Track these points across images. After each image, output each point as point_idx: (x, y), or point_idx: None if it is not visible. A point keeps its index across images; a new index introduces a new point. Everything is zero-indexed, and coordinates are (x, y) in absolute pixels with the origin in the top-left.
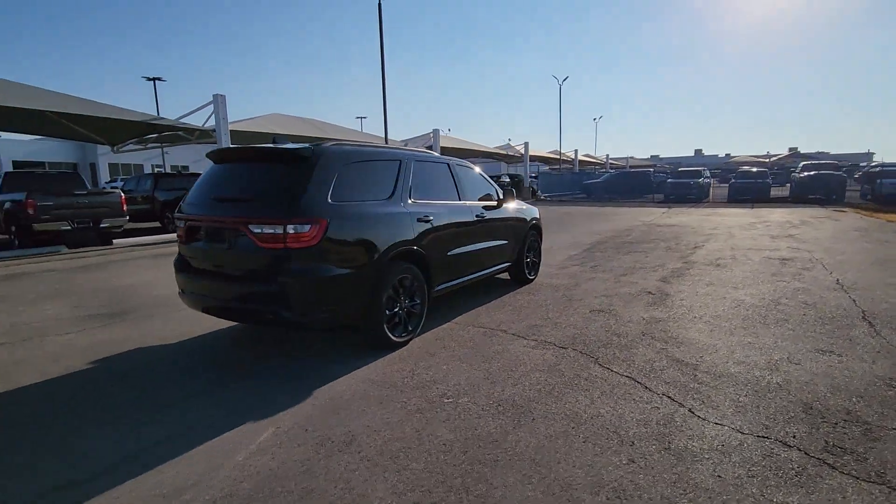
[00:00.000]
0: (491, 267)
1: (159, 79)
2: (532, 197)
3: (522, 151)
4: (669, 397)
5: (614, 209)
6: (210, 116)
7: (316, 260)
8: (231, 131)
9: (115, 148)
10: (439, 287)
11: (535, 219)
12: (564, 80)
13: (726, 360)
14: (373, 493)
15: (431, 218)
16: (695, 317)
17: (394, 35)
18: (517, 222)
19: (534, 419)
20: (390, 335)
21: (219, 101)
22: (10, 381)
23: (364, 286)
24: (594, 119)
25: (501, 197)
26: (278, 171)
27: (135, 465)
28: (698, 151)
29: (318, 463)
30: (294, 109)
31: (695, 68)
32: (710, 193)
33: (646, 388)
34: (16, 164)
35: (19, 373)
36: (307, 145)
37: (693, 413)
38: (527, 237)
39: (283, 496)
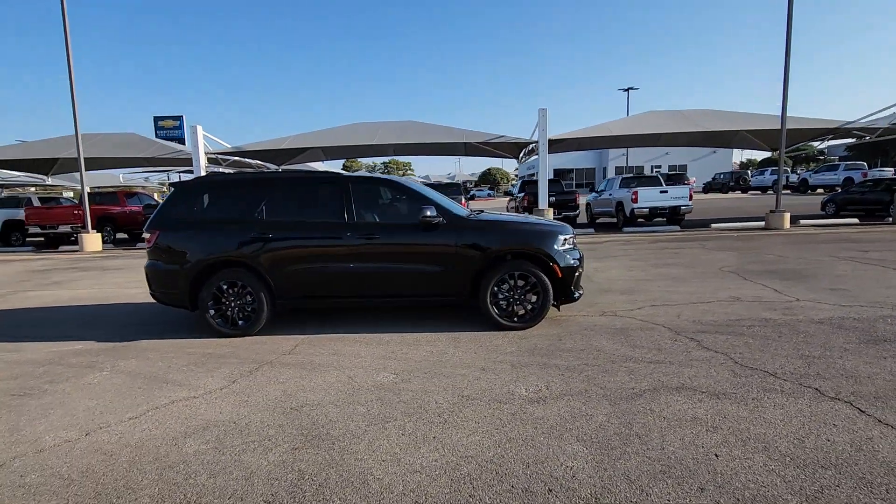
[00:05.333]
0: (405, 294)
1: (633, 88)
2: None
3: None
4: None
5: None
6: (533, 130)
7: (153, 257)
8: (600, 136)
9: (521, 162)
10: (301, 300)
11: (519, 247)
12: None
13: None
14: None
15: (271, 235)
16: None
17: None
18: (465, 249)
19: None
20: (213, 324)
21: (541, 115)
22: None
23: (181, 280)
24: None
25: (435, 220)
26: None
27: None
28: None
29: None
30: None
31: None
32: None
33: None
34: (555, 171)
35: None
36: (198, 177)
37: None
38: (490, 269)
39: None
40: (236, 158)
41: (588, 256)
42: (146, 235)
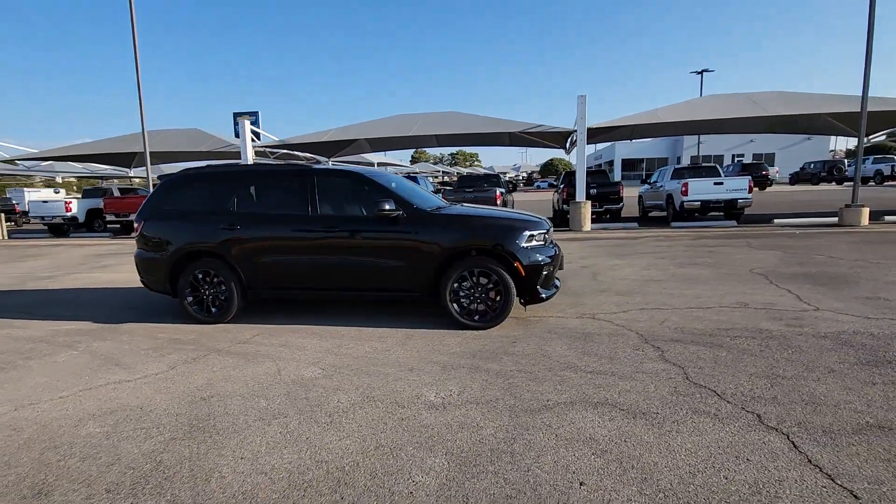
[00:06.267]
0: (365, 288)
1: (707, 70)
2: None
3: None
4: None
5: None
6: (575, 115)
7: (139, 246)
8: (648, 124)
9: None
10: (268, 290)
11: (478, 243)
12: None
13: None
14: None
15: (239, 226)
16: None
17: None
18: (424, 244)
19: None
20: (190, 311)
21: (580, 102)
22: None
23: (160, 268)
24: None
25: (394, 214)
26: None
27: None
28: None
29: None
30: None
31: None
32: None
33: None
34: (624, 161)
35: None
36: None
37: None
38: (451, 265)
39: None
40: (284, 151)
41: (612, 253)
42: (135, 225)
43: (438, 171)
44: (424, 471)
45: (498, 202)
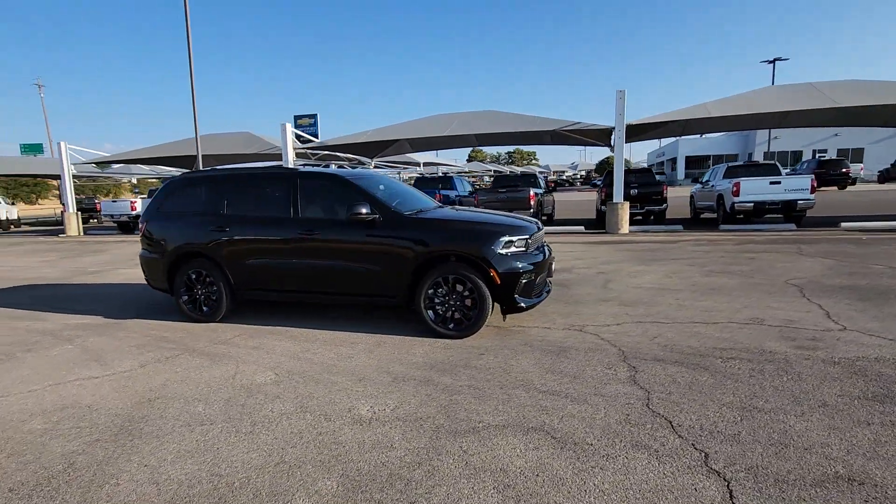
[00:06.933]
0: (344, 293)
1: (780, 59)
2: None
3: None
4: None
5: None
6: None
7: (142, 245)
8: (695, 119)
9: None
10: (254, 291)
11: (451, 248)
12: None
13: None
14: None
15: (227, 228)
16: None
17: None
18: (398, 248)
19: None
20: (184, 309)
21: (618, 98)
22: None
23: (160, 268)
24: None
25: (369, 217)
26: None
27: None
28: None
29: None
30: None
31: None
32: None
33: None
34: (688, 158)
35: None
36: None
37: None
38: (427, 271)
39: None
40: (326, 152)
41: (641, 258)
42: (140, 226)
43: (490, 171)
44: (310, 494)
45: (532, 203)
